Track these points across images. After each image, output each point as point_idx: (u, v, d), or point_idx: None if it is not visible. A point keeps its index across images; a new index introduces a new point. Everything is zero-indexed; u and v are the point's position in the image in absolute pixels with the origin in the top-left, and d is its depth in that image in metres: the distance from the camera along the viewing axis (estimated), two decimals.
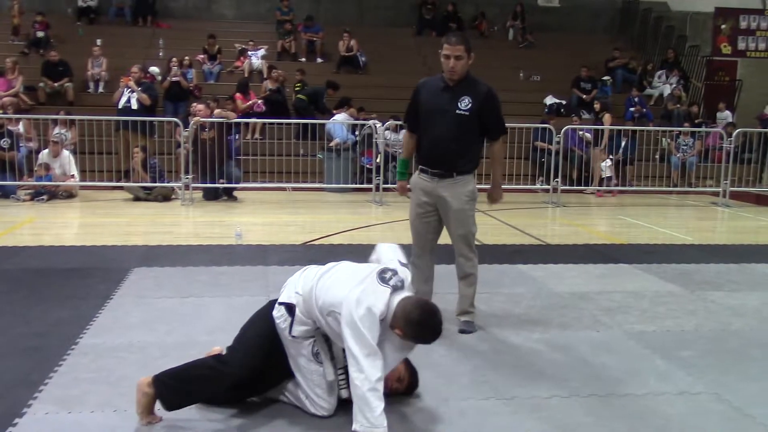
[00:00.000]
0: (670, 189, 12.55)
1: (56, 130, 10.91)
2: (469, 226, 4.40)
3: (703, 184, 12.64)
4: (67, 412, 3.24)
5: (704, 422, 3.32)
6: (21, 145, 10.64)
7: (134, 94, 11.14)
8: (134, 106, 11.12)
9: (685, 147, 13.18)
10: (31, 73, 13.68)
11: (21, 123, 10.85)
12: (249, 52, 15.26)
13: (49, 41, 14.94)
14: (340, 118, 12.27)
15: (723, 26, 16.35)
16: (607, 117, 12.62)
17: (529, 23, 18.13)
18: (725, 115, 14.87)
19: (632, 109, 14.70)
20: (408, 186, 4.53)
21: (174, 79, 13.14)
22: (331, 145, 11.72)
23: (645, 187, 12.45)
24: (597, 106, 13.61)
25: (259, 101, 13.08)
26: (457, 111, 4.25)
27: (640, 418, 3.33)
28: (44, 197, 9.80)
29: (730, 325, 4.81)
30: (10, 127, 10.48)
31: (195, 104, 11.47)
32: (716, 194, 11.55)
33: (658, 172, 12.85)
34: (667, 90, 15.87)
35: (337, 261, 3.44)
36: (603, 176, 12.04)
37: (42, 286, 5.36)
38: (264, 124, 12.39)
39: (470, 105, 4.25)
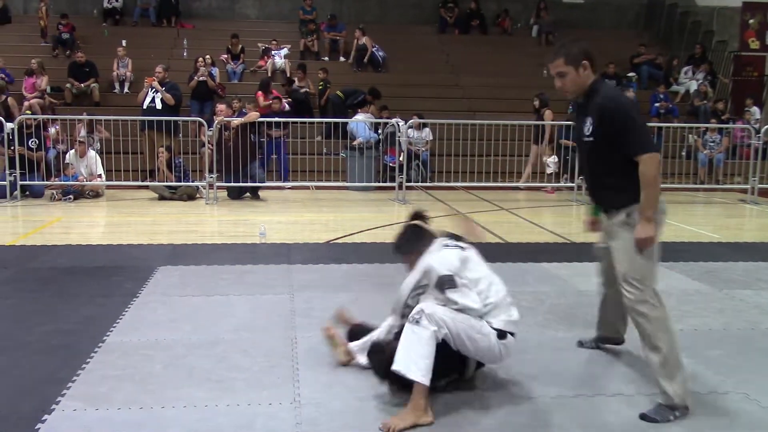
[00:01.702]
0: (697, 186, 12.39)
1: (82, 132, 11.03)
2: (626, 263, 3.44)
3: (730, 181, 12.48)
4: (94, 409, 3.28)
5: (733, 422, 3.27)
6: (49, 146, 10.79)
7: (158, 94, 11.24)
8: (158, 106, 11.21)
9: (712, 144, 13.01)
10: (58, 74, 13.86)
11: (53, 126, 10.98)
12: (273, 52, 15.33)
13: (74, 42, 15.13)
14: (361, 117, 12.28)
15: (751, 21, 16.15)
16: (547, 113, 11.87)
17: (554, 19, 18.00)
18: (753, 111, 14.67)
19: (657, 104, 14.57)
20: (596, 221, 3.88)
21: (201, 78, 13.20)
22: (354, 144, 11.74)
23: (671, 184, 12.31)
24: (536, 102, 12.18)
25: (284, 101, 13.13)
26: (585, 138, 3.52)
27: (668, 418, 3.28)
28: (71, 197, 9.93)
29: (759, 324, 4.73)
30: (51, 128, 10.65)
31: (219, 105, 11.54)
32: (744, 191, 11.39)
33: (684, 169, 12.70)
34: (693, 86, 15.68)
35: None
36: (548, 172, 11.72)
37: (69, 284, 5.43)
38: (287, 123, 12.42)
39: (591, 128, 3.46)
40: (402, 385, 3.29)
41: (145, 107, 11.32)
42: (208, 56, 14.03)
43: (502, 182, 11.52)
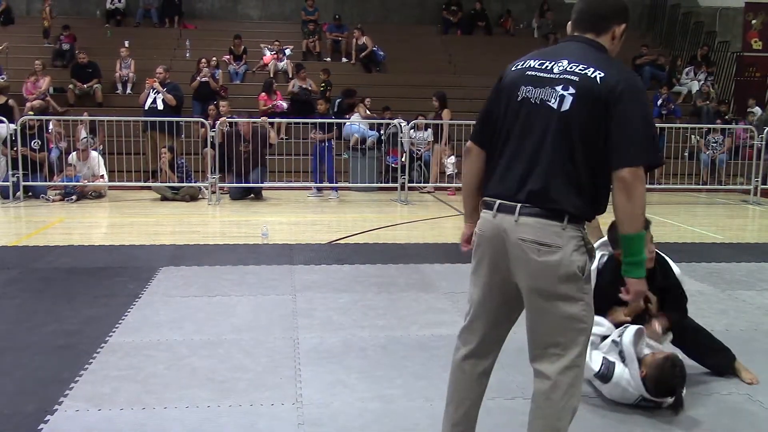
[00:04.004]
0: (700, 187, 12.38)
1: (83, 133, 11.03)
2: None
3: (733, 181, 12.46)
4: (97, 409, 3.28)
5: (735, 424, 3.26)
6: (52, 146, 10.80)
7: (160, 95, 11.24)
8: (160, 106, 11.21)
9: (714, 144, 13.00)
10: (61, 75, 13.86)
11: (52, 125, 10.99)
12: (283, 51, 15.32)
13: (74, 53, 14.98)
14: (354, 117, 12.29)
15: (754, 21, 16.14)
16: (446, 112, 11.53)
17: (556, 20, 17.99)
18: (756, 112, 14.66)
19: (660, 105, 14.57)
20: None
21: (203, 79, 13.20)
22: (351, 142, 11.74)
23: (674, 185, 12.30)
24: (435, 102, 11.64)
25: (281, 102, 13.13)
26: None
27: (670, 419, 3.28)
28: (73, 197, 9.94)
29: (761, 325, 4.73)
30: (51, 125, 10.66)
31: (212, 107, 11.49)
32: (747, 192, 11.38)
33: (687, 170, 12.68)
34: (695, 86, 15.67)
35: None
36: (447, 173, 11.58)
37: (72, 285, 5.43)
38: (289, 123, 12.44)
39: None
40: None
41: (146, 108, 11.32)
42: (213, 58, 14.03)
43: None
